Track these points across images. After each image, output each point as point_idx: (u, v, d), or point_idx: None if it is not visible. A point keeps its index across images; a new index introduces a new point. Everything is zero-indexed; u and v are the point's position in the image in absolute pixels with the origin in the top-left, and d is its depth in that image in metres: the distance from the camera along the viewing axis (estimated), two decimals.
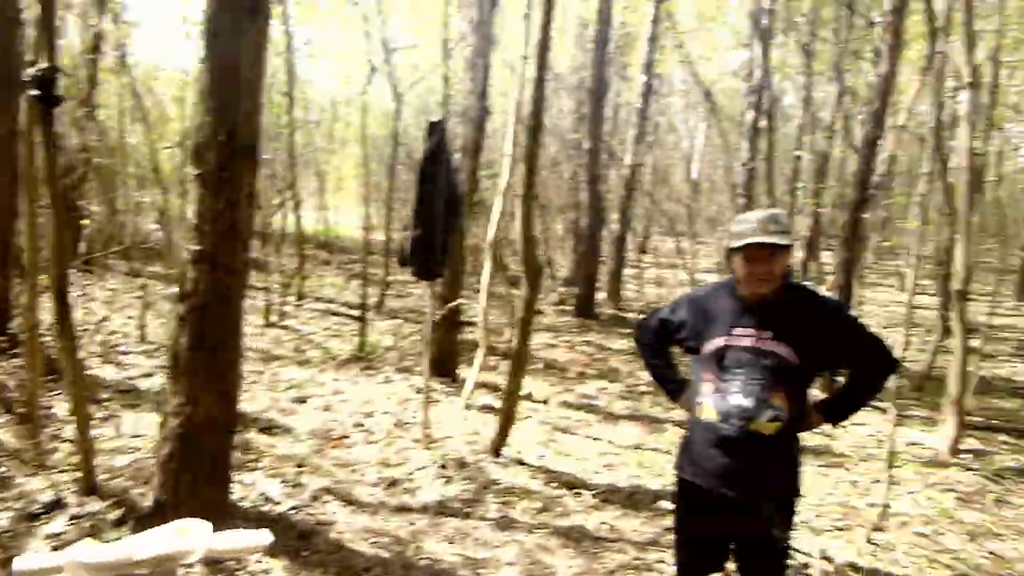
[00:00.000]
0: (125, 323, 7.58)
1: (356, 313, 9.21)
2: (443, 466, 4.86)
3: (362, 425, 5.55)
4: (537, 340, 9.60)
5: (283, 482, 4.38)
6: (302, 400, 5.98)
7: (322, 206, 14.54)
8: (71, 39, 10.61)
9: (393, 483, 4.58)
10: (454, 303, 6.86)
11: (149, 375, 6.10)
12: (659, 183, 17.53)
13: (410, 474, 4.73)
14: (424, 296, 6.15)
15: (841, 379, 2.71)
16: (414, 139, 16.10)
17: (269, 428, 5.27)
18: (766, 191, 12.08)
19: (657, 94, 21.75)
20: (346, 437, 5.30)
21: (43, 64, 3.77)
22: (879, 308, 13.94)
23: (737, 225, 2.48)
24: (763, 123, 12.72)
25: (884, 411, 6.33)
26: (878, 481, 4.55)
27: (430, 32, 14.38)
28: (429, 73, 12.52)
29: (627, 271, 13.37)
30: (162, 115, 14.25)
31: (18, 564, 2.70)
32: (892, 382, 4.43)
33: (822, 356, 2.48)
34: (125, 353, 6.65)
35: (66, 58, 9.58)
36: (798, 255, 19.29)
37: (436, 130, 5.38)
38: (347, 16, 13.95)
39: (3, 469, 4.05)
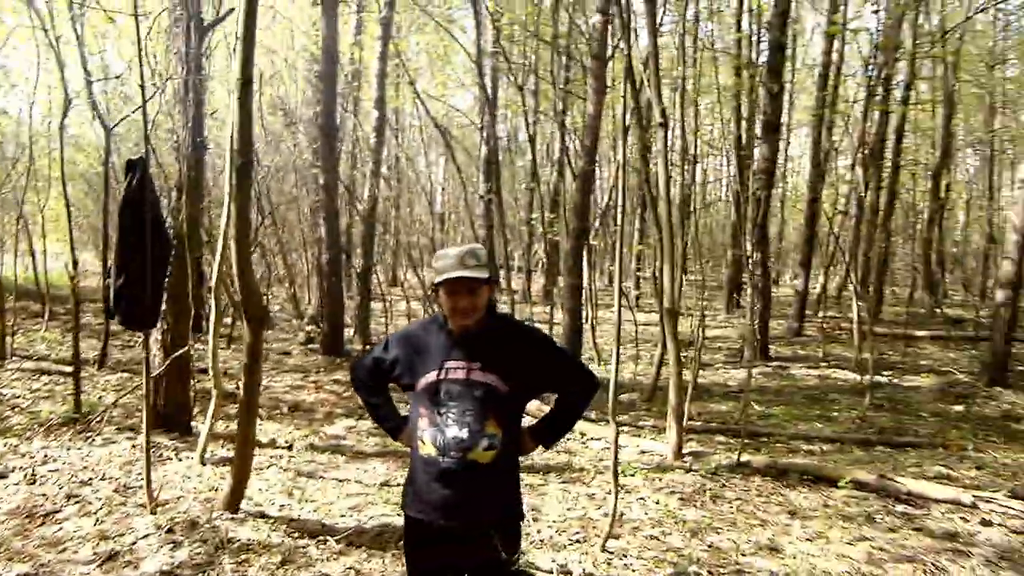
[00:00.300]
0: None
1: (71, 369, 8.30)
2: (170, 530, 4.47)
3: (76, 496, 4.96)
4: (284, 382, 9.26)
5: None
6: (1, 476, 5.23)
7: (29, 251, 12.95)
8: None
9: (111, 557, 4.13)
10: (180, 351, 6.39)
11: None
12: (403, 216, 17.73)
13: (132, 544, 4.30)
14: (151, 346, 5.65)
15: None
16: None
17: None
18: (499, 222, 12.67)
19: (397, 128, 22.11)
20: (57, 512, 4.71)
21: None
22: (613, 328, 15.07)
23: (437, 261, 2.55)
24: (498, 157, 13.40)
25: (620, 424, 6.85)
26: (611, 492, 4.87)
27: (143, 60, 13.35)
28: (139, 108, 11.62)
29: (376, 305, 13.33)
30: None
31: None
32: (613, 396, 4.81)
33: (529, 382, 2.59)
34: None
35: None
36: (540, 282, 20.46)
37: (135, 168, 5.02)
38: (40, 41, 12.64)
39: None
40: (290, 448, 6.44)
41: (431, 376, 2.52)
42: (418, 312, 13.32)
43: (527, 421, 2.77)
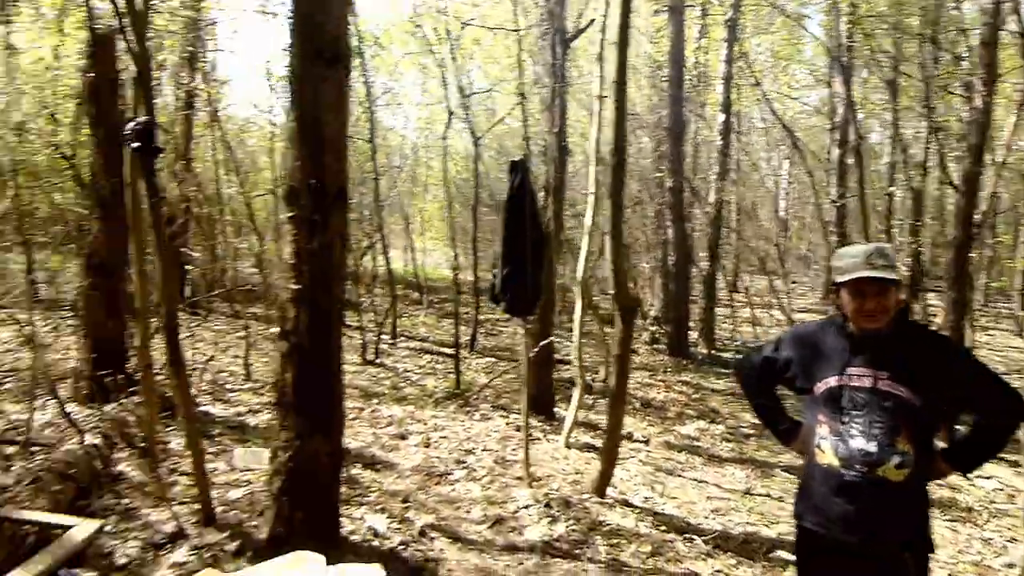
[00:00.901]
0: (231, 362, 7.79)
1: (449, 351, 9.27)
2: (547, 505, 4.77)
3: (463, 462, 5.52)
4: (632, 379, 9.43)
5: (390, 517, 4.36)
6: (403, 437, 5.99)
7: (409, 247, 14.86)
8: (166, 98, 11.27)
9: (499, 521, 4.51)
10: (547, 340, 6.82)
11: (256, 411, 6.23)
12: (746, 221, 17.20)
13: (515, 512, 4.66)
14: (516, 335, 6.11)
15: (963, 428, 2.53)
16: (495, 181, 16.39)
17: (372, 464, 5.29)
18: (860, 228, 11.71)
19: (738, 131, 21.52)
20: (448, 474, 5.27)
21: (141, 118, 3.99)
22: (995, 353, 13.21)
23: (839, 260, 2.39)
24: (850, 160, 12.42)
25: (1015, 464, 5.95)
26: (1014, 540, 4.22)
27: (504, 76, 14.67)
28: (506, 116, 12.78)
29: (719, 310, 13.11)
30: (254, 165, 14.87)
31: None
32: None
33: (944, 399, 2.33)
34: (232, 391, 6.82)
35: (162, 116, 10.15)
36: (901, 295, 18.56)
37: (518, 169, 5.43)
38: (422, 65, 14.40)
39: (128, 501, 4.17)
40: (646, 443, 6.54)
41: (831, 381, 2.36)
42: (762, 319, 12.85)
43: None
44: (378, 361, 8.57)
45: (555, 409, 7.10)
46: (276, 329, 3.85)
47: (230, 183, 13.22)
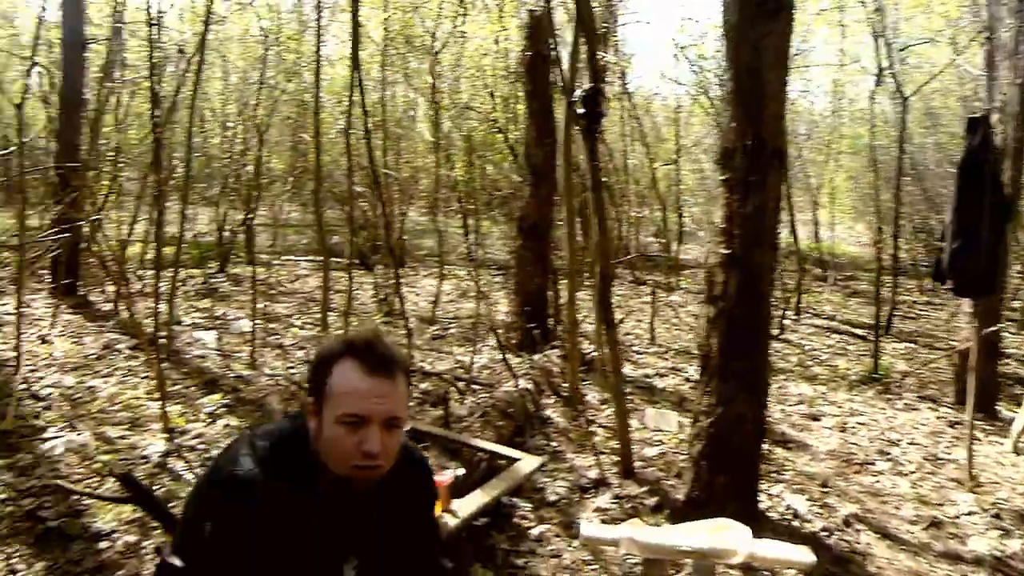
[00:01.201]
0: (635, 326, 8.08)
1: (861, 332, 8.56)
2: (997, 515, 4.12)
3: (887, 453, 5.02)
4: None
5: (809, 500, 4.13)
6: (815, 418, 5.65)
7: (813, 220, 14.01)
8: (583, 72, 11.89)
9: (934, 524, 4.01)
10: (994, 327, 5.88)
11: (662, 375, 6.36)
12: None
13: (955, 518, 4.11)
14: (948, 321, 5.34)
15: None
16: (918, 147, 14.57)
17: (784, 442, 5.07)
18: None
19: None
20: (870, 464, 4.83)
21: (588, 85, 4.16)
22: None
23: None
24: None
25: None
26: None
27: (936, 27, 12.84)
28: (943, 70, 11.22)
29: None
30: (658, 136, 15.15)
31: (585, 529, 2.89)
32: None
33: None
34: (639, 353, 7.06)
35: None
36: None
37: (978, 127, 4.68)
38: (838, 22, 13.25)
39: (555, 444, 4.53)
40: None
41: None
42: None
43: None
44: (783, 336, 8.19)
45: (997, 407, 6.12)
46: (675, 297, 3.85)
47: (635, 154, 13.68)
